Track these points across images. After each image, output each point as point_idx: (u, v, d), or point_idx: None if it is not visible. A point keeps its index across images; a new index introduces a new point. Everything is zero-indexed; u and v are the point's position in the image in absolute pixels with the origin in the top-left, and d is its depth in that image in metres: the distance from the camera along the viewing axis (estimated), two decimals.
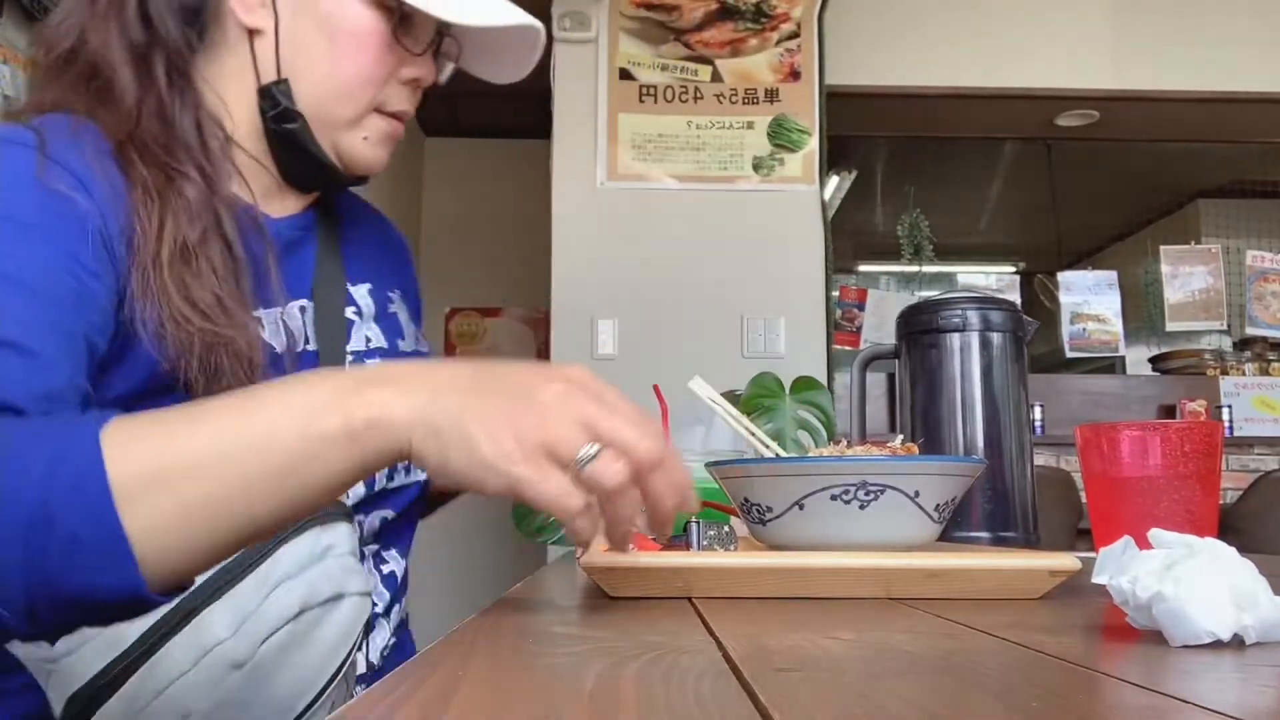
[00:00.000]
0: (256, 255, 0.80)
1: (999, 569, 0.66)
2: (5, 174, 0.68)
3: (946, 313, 1.17)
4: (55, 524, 0.48)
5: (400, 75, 0.86)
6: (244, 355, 0.73)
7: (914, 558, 0.66)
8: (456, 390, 0.51)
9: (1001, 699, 0.35)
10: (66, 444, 0.50)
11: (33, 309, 0.64)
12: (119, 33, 0.79)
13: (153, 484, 0.50)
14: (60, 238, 0.67)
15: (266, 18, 0.82)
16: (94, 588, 0.50)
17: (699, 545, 0.72)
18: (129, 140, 0.76)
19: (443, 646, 0.45)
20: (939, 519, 0.72)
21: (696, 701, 0.33)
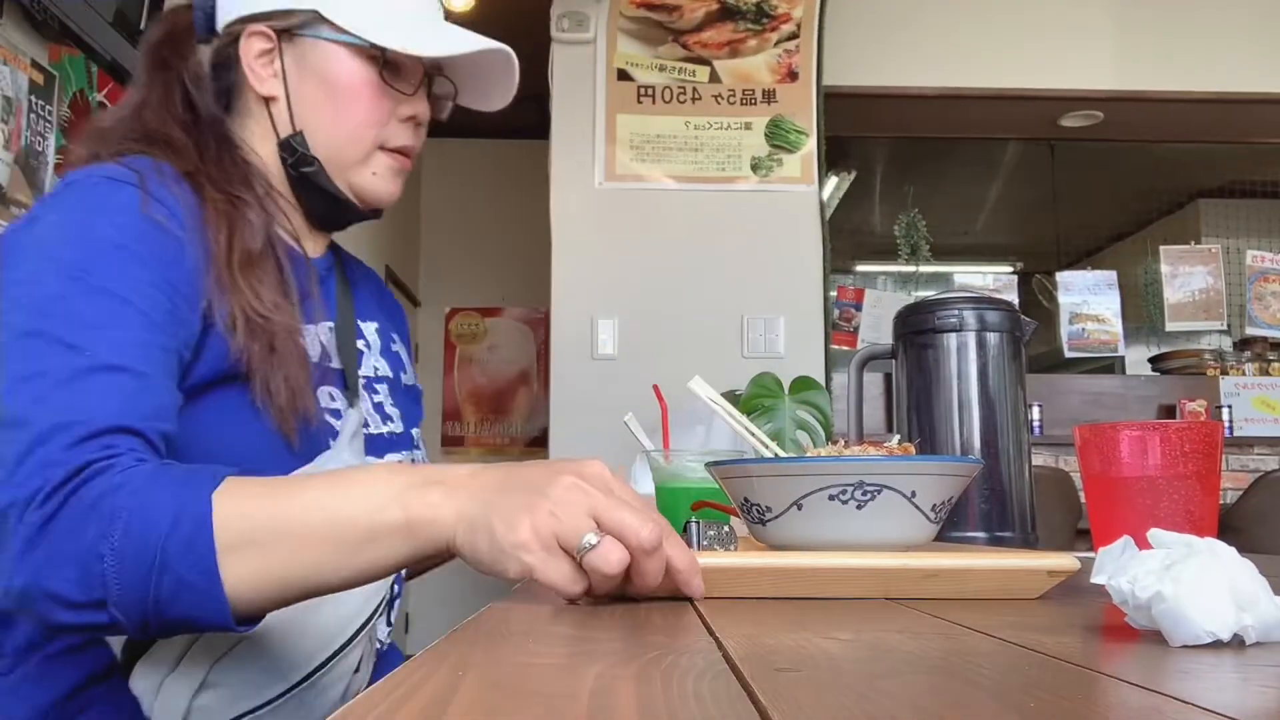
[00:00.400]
0: (300, 278, 0.94)
1: (997, 569, 0.66)
2: (115, 207, 0.80)
3: (943, 313, 1.17)
4: (169, 569, 0.62)
5: (398, 114, 0.98)
6: (297, 349, 0.87)
7: (911, 558, 0.66)
8: (488, 490, 0.62)
9: (1000, 699, 0.35)
10: (186, 504, 0.63)
11: (141, 331, 0.75)
12: (170, 117, 0.95)
13: (248, 546, 0.63)
14: (158, 263, 0.79)
15: (277, 86, 0.96)
16: (194, 620, 0.64)
17: (698, 545, 0.72)
18: (197, 172, 0.90)
19: (443, 646, 0.45)
20: (936, 519, 0.72)
21: (696, 701, 0.33)
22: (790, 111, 3.30)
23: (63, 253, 0.76)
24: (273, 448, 0.84)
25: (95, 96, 2.55)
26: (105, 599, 0.63)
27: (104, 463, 0.66)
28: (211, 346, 0.82)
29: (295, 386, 0.85)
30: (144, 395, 0.72)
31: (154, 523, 0.63)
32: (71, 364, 0.70)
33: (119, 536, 0.63)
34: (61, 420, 0.67)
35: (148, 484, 0.65)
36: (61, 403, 0.68)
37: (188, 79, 0.96)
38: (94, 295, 0.74)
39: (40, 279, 0.75)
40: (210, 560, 0.62)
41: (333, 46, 0.95)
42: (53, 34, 2.27)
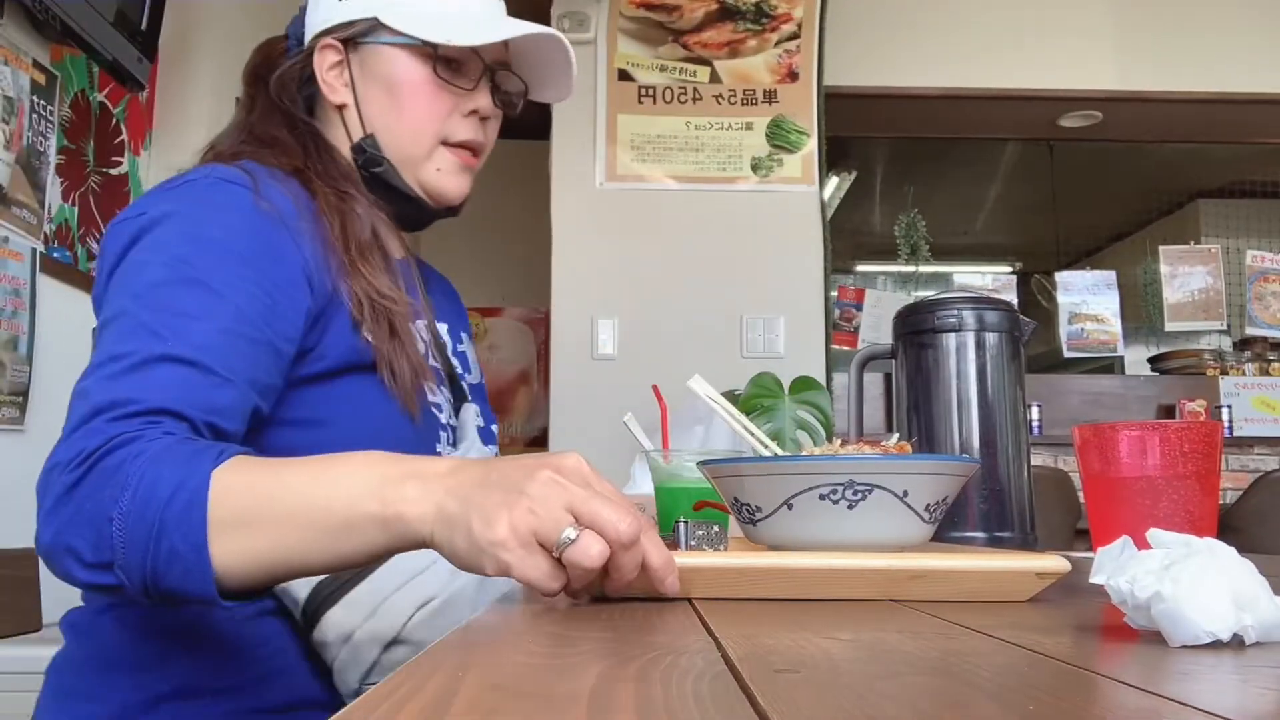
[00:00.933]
0: (403, 272, 1.01)
1: (984, 570, 0.65)
2: (225, 206, 0.86)
3: (942, 313, 1.17)
4: (164, 537, 0.66)
5: (461, 109, 1.03)
6: (411, 337, 0.94)
7: (896, 558, 0.64)
8: (465, 486, 0.62)
9: (998, 700, 0.35)
10: (186, 476, 0.67)
11: (231, 322, 0.80)
12: (272, 121, 1.03)
13: (239, 525, 0.66)
14: (262, 261, 0.84)
15: (347, 93, 1.03)
16: (181, 589, 0.67)
17: (686, 545, 0.71)
18: (306, 169, 0.98)
19: (443, 646, 0.45)
20: (931, 519, 0.71)
21: (695, 702, 0.33)
22: (791, 111, 3.30)
23: (170, 245, 0.82)
24: (398, 424, 0.91)
25: (96, 97, 2.55)
26: (113, 560, 0.67)
27: (134, 434, 0.70)
28: (341, 334, 0.89)
29: (416, 366, 0.92)
30: (206, 390, 0.76)
31: (158, 491, 0.66)
32: (150, 349, 0.75)
33: (127, 501, 0.66)
34: (118, 398, 0.72)
35: (161, 454, 0.68)
36: (126, 383, 0.73)
37: (279, 95, 1.04)
38: (190, 286, 0.79)
39: (145, 267, 0.81)
40: (200, 533, 0.65)
41: (390, 49, 1.01)
42: (54, 34, 2.27)
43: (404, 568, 0.83)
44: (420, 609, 0.83)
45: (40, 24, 2.22)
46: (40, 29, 2.25)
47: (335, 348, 0.89)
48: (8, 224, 2.20)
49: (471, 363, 1.16)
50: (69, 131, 2.44)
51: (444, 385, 1.02)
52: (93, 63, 2.49)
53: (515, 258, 5.11)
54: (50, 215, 2.36)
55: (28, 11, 2.18)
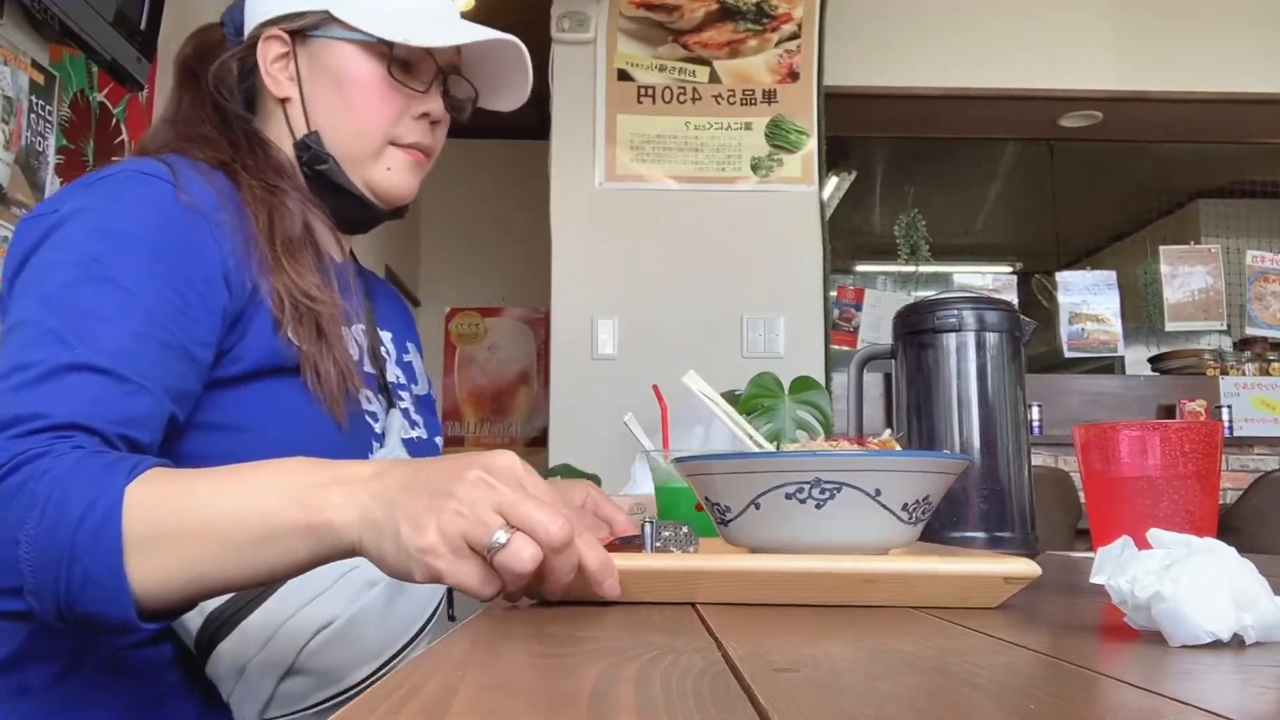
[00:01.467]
0: (338, 274, 0.96)
1: (945, 574, 0.60)
2: (140, 200, 0.81)
3: (942, 313, 1.17)
4: (77, 561, 0.61)
5: (411, 111, 0.99)
6: (340, 339, 0.89)
7: (848, 561, 0.60)
8: (392, 489, 0.59)
9: (998, 700, 0.35)
10: (98, 494, 0.62)
11: (142, 324, 0.75)
12: (201, 121, 0.98)
13: (155, 542, 0.62)
14: (178, 258, 0.80)
15: (292, 87, 0.98)
16: (99, 615, 0.62)
17: (651, 547, 0.68)
18: (233, 161, 0.93)
19: (443, 646, 0.45)
20: (911, 519, 0.67)
21: (695, 702, 0.33)
22: (791, 111, 3.30)
23: (80, 242, 0.77)
24: (323, 430, 0.86)
25: (96, 97, 2.55)
26: (22, 585, 0.62)
27: (40, 450, 0.65)
28: (261, 335, 0.84)
29: (344, 369, 0.87)
30: (118, 399, 0.71)
31: (67, 511, 0.62)
32: (57, 357, 0.70)
33: (34, 524, 0.62)
34: (22, 413, 0.67)
35: (70, 470, 0.64)
36: (31, 396, 0.68)
37: (216, 88, 0.98)
38: (99, 284, 0.75)
39: (53, 267, 0.76)
40: (116, 556, 0.61)
41: (343, 45, 0.97)
42: (53, 34, 2.27)
43: (299, 592, 0.77)
44: (318, 634, 0.77)
45: (39, 24, 2.22)
46: (39, 29, 2.25)
47: (254, 349, 0.84)
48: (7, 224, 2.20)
49: (419, 374, 1.12)
50: (68, 131, 2.44)
51: (380, 394, 0.98)
52: (92, 63, 2.49)
53: (515, 258, 5.10)
54: None
55: (27, 11, 2.18)
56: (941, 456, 0.70)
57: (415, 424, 1.03)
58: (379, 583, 0.79)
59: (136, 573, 0.62)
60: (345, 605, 0.77)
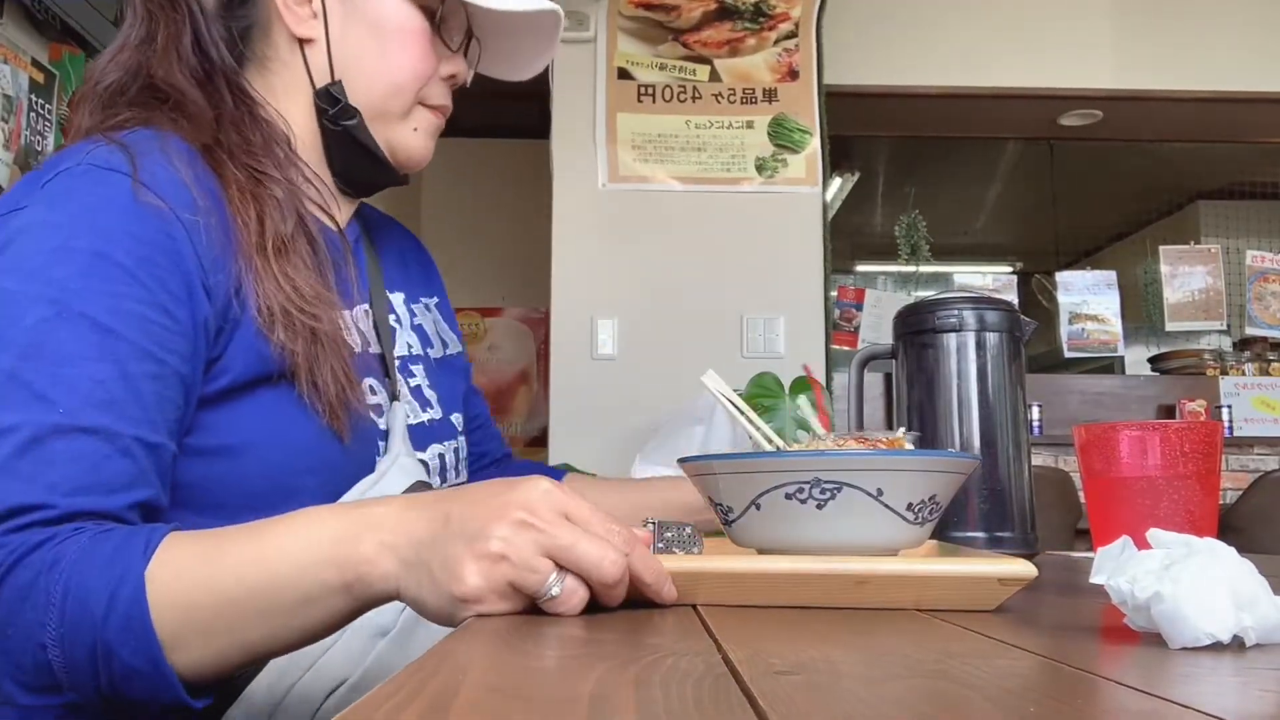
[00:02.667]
0: (334, 257, 0.86)
1: (938, 575, 0.59)
2: (102, 206, 0.71)
3: (943, 313, 1.17)
4: (114, 657, 0.59)
5: (441, 71, 0.91)
6: (340, 344, 0.80)
7: (839, 562, 0.59)
8: (429, 534, 0.57)
9: (998, 703, 0.35)
10: (119, 583, 0.59)
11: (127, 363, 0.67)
12: (179, 62, 0.84)
13: (190, 633, 0.60)
14: (151, 269, 0.70)
15: (317, 27, 0.87)
16: (150, 700, 0.61)
17: (654, 548, 0.67)
18: (215, 145, 0.80)
19: (443, 648, 0.45)
20: (917, 519, 0.65)
21: (695, 705, 0.33)
22: (792, 110, 3.30)
23: (39, 268, 0.68)
24: (323, 445, 0.78)
25: None
26: (59, 684, 0.60)
27: (40, 538, 0.61)
28: (243, 346, 0.75)
29: (343, 379, 0.78)
30: (115, 463, 0.65)
31: (89, 607, 0.58)
32: (39, 419, 0.63)
33: (55, 624, 0.59)
34: (17, 504, 0.61)
35: (80, 561, 0.60)
36: (18, 476, 0.62)
37: (199, 17, 0.85)
38: (73, 323, 0.66)
39: (13, 300, 0.67)
40: (152, 646, 0.59)
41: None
42: (53, 33, 2.27)
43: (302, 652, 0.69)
44: (329, 697, 0.71)
45: (39, 23, 2.22)
46: (39, 28, 2.25)
47: (240, 358, 0.75)
48: None
49: (432, 336, 1.01)
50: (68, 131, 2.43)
51: (384, 379, 0.89)
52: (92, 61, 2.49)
53: (515, 258, 5.10)
54: None
55: (27, 10, 2.18)
56: (946, 455, 0.68)
57: (427, 404, 0.94)
58: (389, 630, 0.73)
59: (179, 662, 0.60)
60: (356, 662, 0.72)
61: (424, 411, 0.93)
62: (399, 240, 1.06)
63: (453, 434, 0.97)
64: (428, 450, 0.91)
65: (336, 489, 0.79)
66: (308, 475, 0.77)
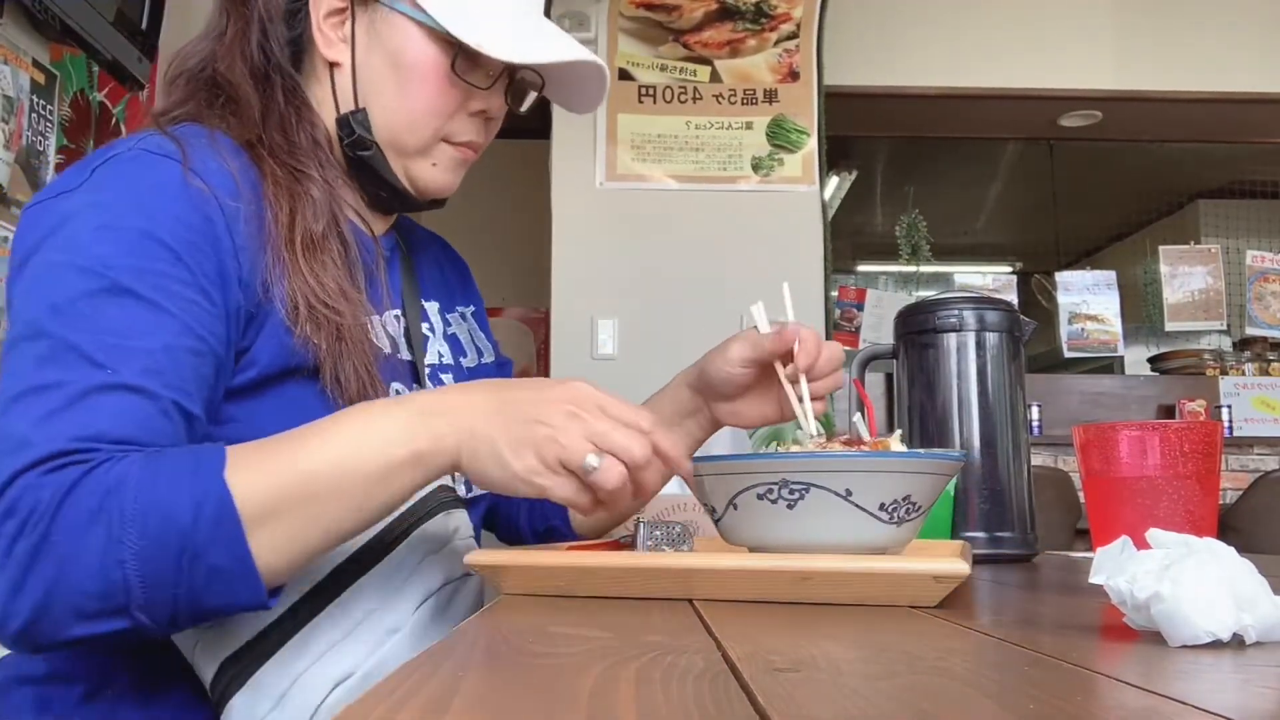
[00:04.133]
0: (366, 261, 0.88)
1: (876, 573, 0.60)
2: (151, 189, 0.74)
3: (943, 313, 1.17)
4: (200, 559, 0.61)
5: (469, 108, 0.90)
6: (364, 342, 0.82)
7: (781, 559, 0.61)
8: (490, 418, 0.66)
9: (998, 700, 0.35)
10: (203, 492, 0.61)
11: (171, 337, 0.70)
12: (242, 59, 0.87)
13: (273, 514, 0.63)
14: (195, 252, 0.73)
15: (344, 52, 0.88)
16: (229, 605, 0.63)
17: (644, 546, 0.70)
18: (258, 142, 0.83)
19: (443, 646, 0.45)
20: (892, 519, 0.66)
21: (695, 702, 0.33)
22: (791, 111, 3.30)
23: (88, 243, 0.70)
24: None
25: (96, 96, 2.55)
26: (128, 605, 0.60)
27: (89, 467, 0.61)
28: (271, 338, 0.77)
29: (365, 377, 0.80)
30: (157, 421, 0.67)
31: (174, 517, 0.60)
32: (88, 378, 0.65)
33: (136, 538, 0.59)
34: (61, 447, 0.62)
35: (151, 478, 0.61)
36: (67, 424, 0.63)
37: (264, 19, 0.87)
38: (118, 297, 0.69)
39: (62, 272, 0.69)
40: (241, 544, 0.61)
41: (407, 23, 0.86)
42: (54, 33, 2.27)
43: (314, 641, 0.73)
44: (335, 689, 0.72)
45: (40, 23, 2.22)
46: (40, 28, 2.25)
47: (268, 350, 0.77)
48: (7, 224, 2.20)
49: (466, 345, 1.02)
50: (69, 131, 2.44)
51: (414, 384, 0.90)
52: (92, 62, 2.49)
53: (515, 258, 5.10)
54: None
55: (27, 11, 2.18)
56: (917, 456, 0.69)
57: None
58: (400, 629, 0.75)
59: (261, 553, 0.62)
60: (364, 655, 0.74)
61: None
62: (437, 250, 1.09)
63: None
64: None
65: None
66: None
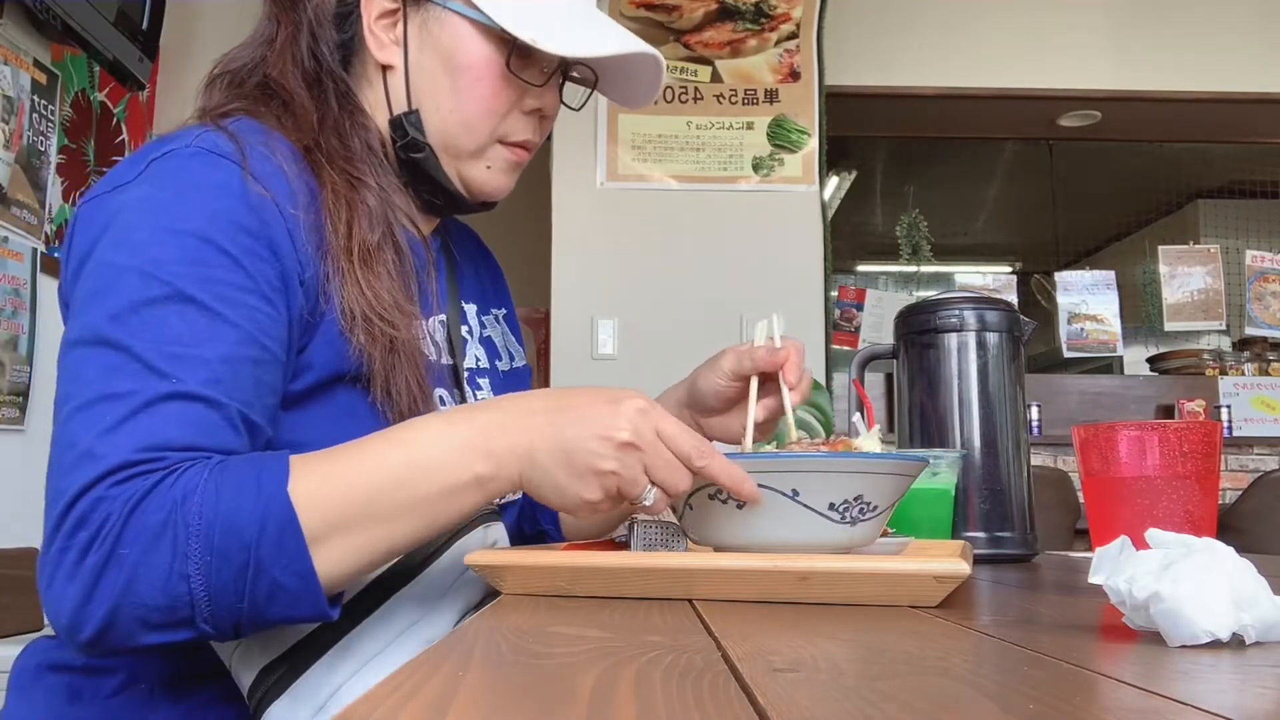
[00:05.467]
0: (418, 267, 0.87)
1: (877, 573, 0.60)
2: (210, 188, 0.73)
3: (943, 313, 1.17)
4: (263, 574, 0.62)
5: (523, 106, 0.89)
6: (416, 355, 0.81)
7: (784, 559, 0.61)
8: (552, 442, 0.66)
9: (998, 700, 0.35)
10: (267, 505, 0.62)
11: (232, 346, 0.69)
12: (294, 63, 0.86)
13: (337, 530, 0.64)
14: (255, 258, 0.72)
15: (396, 54, 0.87)
16: (291, 617, 0.64)
17: (639, 545, 0.71)
18: (316, 147, 0.82)
19: (443, 646, 0.45)
20: (847, 520, 0.66)
21: (695, 702, 0.33)
22: (792, 111, 3.30)
23: (145, 244, 0.69)
24: None
25: (96, 96, 2.55)
26: (193, 616, 0.61)
27: (156, 480, 0.62)
28: (327, 342, 0.77)
29: (416, 391, 0.80)
30: (222, 431, 0.67)
31: (238, 531, 0.61)
32: (153, 388, 0.65)
33: (199, 552, 0.61)
34: (129, 458, 0.63)
35: (215, 490, 0.62)
36: (133, 434, 0.64)
37: (314, 23, 0.87)
38: (180, 305, 0.68)
39: (120, 274, 0.68)
40: (304, 560, 0.62)
41: (460, 21, 0.85)
42: (55, 33, 2.27)
43: (352, 652, 0.73)
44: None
45: (41, 23, 2.22)
46: (41, 28, 2.25)
47: (323, 354, 0.77)
48: (8, 224, 2.20)
49: (500, 348, 1.02)
50: (69, 131, 2.44)
51: (454, 389, 0.90)
52: (93, 62, 2.49)
53: (515, 258, 5.10)
54: (50, 215, 2.36)
55: (28, 11, 2.18)
56: (867, 457, 0.69)
57: None
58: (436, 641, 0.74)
59: (323, 567, 0.63)
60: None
61: None
62: (474, 251, 1.07)
63: None
64: None
65: None
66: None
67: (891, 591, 0.61)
